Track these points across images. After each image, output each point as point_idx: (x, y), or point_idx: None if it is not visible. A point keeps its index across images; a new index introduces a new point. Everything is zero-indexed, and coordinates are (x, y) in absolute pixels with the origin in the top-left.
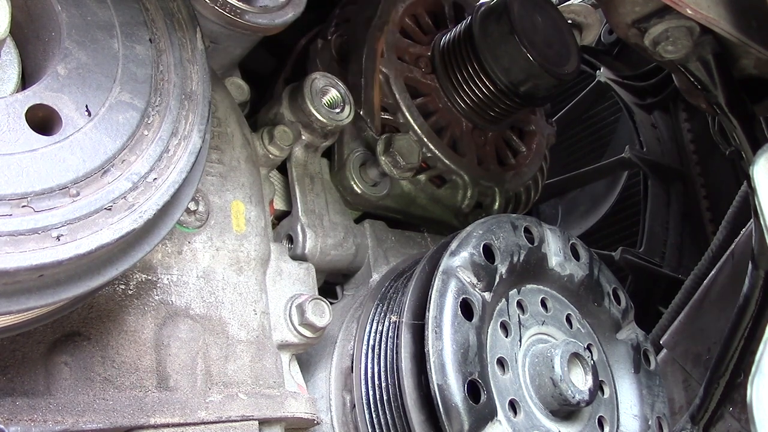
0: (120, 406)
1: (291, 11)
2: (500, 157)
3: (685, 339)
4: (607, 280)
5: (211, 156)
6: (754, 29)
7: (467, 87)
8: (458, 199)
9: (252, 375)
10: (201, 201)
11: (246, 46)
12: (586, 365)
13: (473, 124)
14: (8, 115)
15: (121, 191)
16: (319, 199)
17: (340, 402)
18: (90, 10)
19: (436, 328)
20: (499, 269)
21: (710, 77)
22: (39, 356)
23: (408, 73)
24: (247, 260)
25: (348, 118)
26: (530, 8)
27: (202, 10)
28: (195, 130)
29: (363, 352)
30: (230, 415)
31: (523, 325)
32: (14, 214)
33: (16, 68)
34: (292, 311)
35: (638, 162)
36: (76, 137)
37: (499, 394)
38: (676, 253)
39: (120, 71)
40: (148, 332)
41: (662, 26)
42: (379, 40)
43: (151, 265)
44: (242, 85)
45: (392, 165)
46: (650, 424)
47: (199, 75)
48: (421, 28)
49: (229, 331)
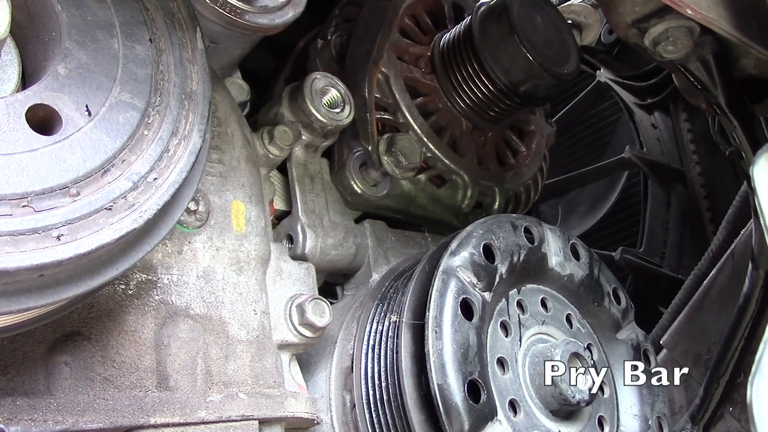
0: (120, 405)
1: (291, 11)
2: (500, 157)
3: (685, 339)
4: (607, 280)
5: (212, 156)
6: (754, 29)
7: (467, 87)
8: (458, 198)
9: (252, 375)
10: (201, 201)
11: (246, 46)
12: (586, 365)
13: (473, 124)
14: (8, 114)
15: (121, 191)
16: (319, 199)
17: (340, 402)
18: (90, 10)
19: (436, 328)
20: (499, 269)
21: (710, 77)
22: (39, 356)
23: (408, 73)
24: (247, 260)
25: (348, 118)
26: (530, 8)
27: (202, 10)
28: (195, 129)
29: (363, 351)
30: (230, 415)
31: (523, 324)
32: (14, 214)
33: (16, 68)
34: (292, 311)
35: (638, 162)
36: (77, 137)
37: (499, 394)
38: (676, 253)
39: (120, 71)
40: (148, 332)
41: (662, 26)
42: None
43: (152, 265)
44: (242, 85)
45: (394, 165)
46: (650, 424)
47: (199, 75)
48: (421, 28)
49: (229, 330)
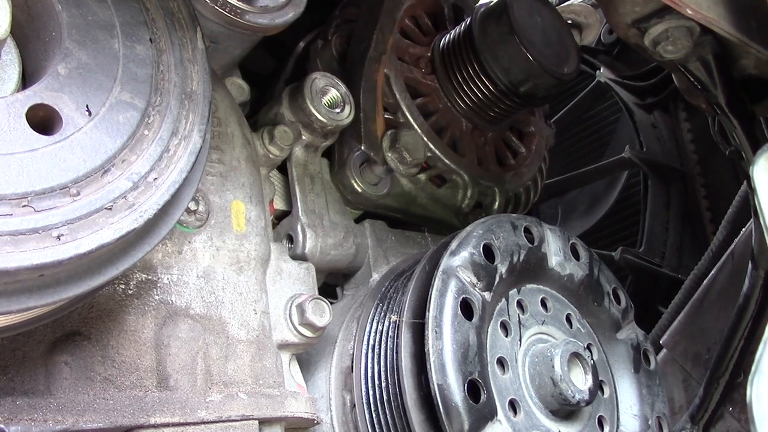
0: (120, 405)
1: (291, 11)
2: (500, 158)
3: (685, 339)
4: (607, 280)
5: (212, 156)
6: (754, 29)
7: (467, 87)
8: (458, 198)
9: (252, 375)
10: (201, 201)
11: (246, 46)
12: (586, 365)
13: (473, 124)
14: (9, 114)
15: (121, 191)
16: (319, 199)
17: (340, 402)
18: (90, 10)
19: (436, 328)
20: (499, 269)
21: (710, 77)
22: (39, 356)
23: (408, 74)
24: (247, 260)
25: (348, 118)
26: (530, 9)
27: (202, 10)
28: (195, 129)
29: (363, 351)
30: (230, 415)
31: (523, 324)
32: (15, 214)
33: (16, 68)
34: (292, 311)
35: (638, 162)
36: (77, 137)
37: (499, 394)
38: (676, 253)
39: (120, 71)
40: (148, 332)
41: (662, 26)
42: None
43: (152, 265)
44: (242, 85)
45: (398, 161)
46: (650, 424)
47: (199, 75)
48: (421, 29)
49: (229, 330)
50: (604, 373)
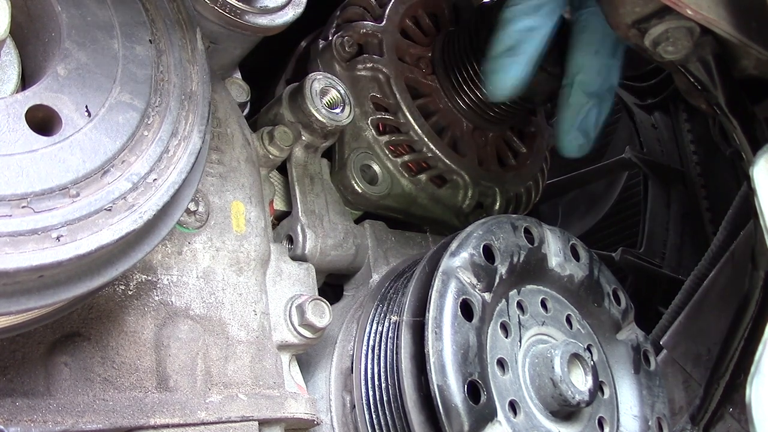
0: (120, 406)
1: (291, 11)
2: (501, 158)
3: (685, 339)
4: (607, 281)
5: (211, 156)
6: (754, 30)
7: (468, 87)
8: (459, 199)
9: (252, 375)
10: (201, 201)
11: (246, 46)
12: (586, 366)
13: (474, 124)
14: (8, 115)
15: (121, 192)
16: (319, 199)
17: (340, 402)
18: (90, 11)
19: (436, 329)
20: (499, 270)
21: (710, 78)
22: (39, 357)
23: (408, 74)
24: (247, 261)
25: (348, 118)
26: None
27: (202, 10)
28: (195, 130)
29: (363, 352)
30: (230, 416)
31: (523, 325)
32: (14, 215)
33: (16, 69)
34: (292, 312)
35: (638, 162)
36: (76, 138)
37: (499, 395)
38: (676, 253)
39: (120, 72)
40: (147, 333)
41: (662, 27)
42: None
43: (151, 266)
44: (242, 85)
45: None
46: (650, 425)
47: (199, 75)
48: (422, 29)
49: (229, 331)
50: (604, 374)
